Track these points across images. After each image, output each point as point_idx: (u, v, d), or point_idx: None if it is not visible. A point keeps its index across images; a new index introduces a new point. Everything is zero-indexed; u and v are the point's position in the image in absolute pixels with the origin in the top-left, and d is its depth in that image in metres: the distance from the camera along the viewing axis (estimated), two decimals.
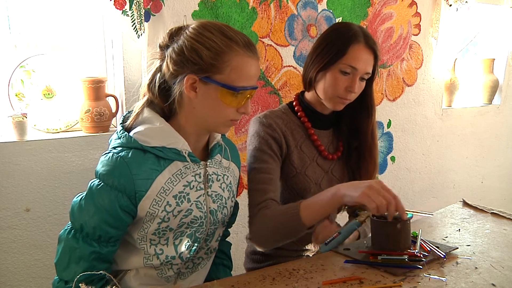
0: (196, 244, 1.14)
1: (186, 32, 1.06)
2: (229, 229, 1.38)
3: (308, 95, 1.41)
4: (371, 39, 1.31)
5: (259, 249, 1.30)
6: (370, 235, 1.26)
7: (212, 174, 1.15)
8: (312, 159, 1.40)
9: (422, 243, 1.21)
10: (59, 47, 1.80)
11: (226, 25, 1.07)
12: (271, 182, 1.29)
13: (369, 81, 1.36)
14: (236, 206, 1.31)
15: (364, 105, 1.40)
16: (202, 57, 1.02)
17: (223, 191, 1.18)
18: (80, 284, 0.96)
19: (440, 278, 1.06)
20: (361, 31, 1.31)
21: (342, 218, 1.52)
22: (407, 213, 1.14)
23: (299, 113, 1.41)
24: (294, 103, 1.43)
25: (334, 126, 1.46)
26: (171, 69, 1.06)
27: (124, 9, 1.67)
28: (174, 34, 1.08)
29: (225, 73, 1.03)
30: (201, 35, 1.04)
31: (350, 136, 1.43)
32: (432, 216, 1.41)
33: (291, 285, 1.04)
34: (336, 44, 1.30)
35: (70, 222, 1.07)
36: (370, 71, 1.32)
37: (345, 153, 1.45)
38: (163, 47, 1.09)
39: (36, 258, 1.70)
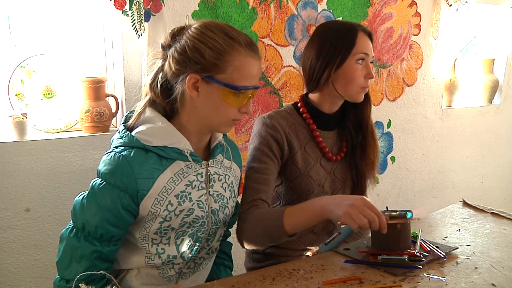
0: (197, 244, 1.15)
1: (189, 32, 1.06)
2: (229, 229, 1.38)
3: (313, 96, 1.42)
4: (363, 26, 1.37)
5: (245, 246, 1.30)
6: (370, 235, 1.26)
7: (214, 174, 1.15)
8: (316, 160, 1.40)
9: (422, 243, 1.22)
10: (59, 47, 1.79)
11: (229, 25, 1.08)
12: (265, 183, 1.30)
13: None
14: (237, 206, 1.31)
15: None
16: (205, 57, 1.03)
17: (225, 191, 1.18)
18: (80, 284, 0.96)
19: (440, 278, 1.06)
20: (354, 22, 1.38)
21: None
22: (406, 214, 1.15)
23: (304, 114, 1.41)
24: (299, 104, 1.43)
25: (339, 126, 1.46)
26: (173, 68, 1.06)
27: (124, 9, 1.67)
28: (176, 34, 1.09)
29: (227, 72, 1.04)
30: (203, 35, 1.04)
31: (354, 130, 1.44)
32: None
33: (291, 285, 1.04)
34: (342, 38, 1.33)
35: (72, 221, 1.07)
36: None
37: (349, 153, 1.45)
38: (165, 47, 1.09)
39: (36, 258, 1.70)
